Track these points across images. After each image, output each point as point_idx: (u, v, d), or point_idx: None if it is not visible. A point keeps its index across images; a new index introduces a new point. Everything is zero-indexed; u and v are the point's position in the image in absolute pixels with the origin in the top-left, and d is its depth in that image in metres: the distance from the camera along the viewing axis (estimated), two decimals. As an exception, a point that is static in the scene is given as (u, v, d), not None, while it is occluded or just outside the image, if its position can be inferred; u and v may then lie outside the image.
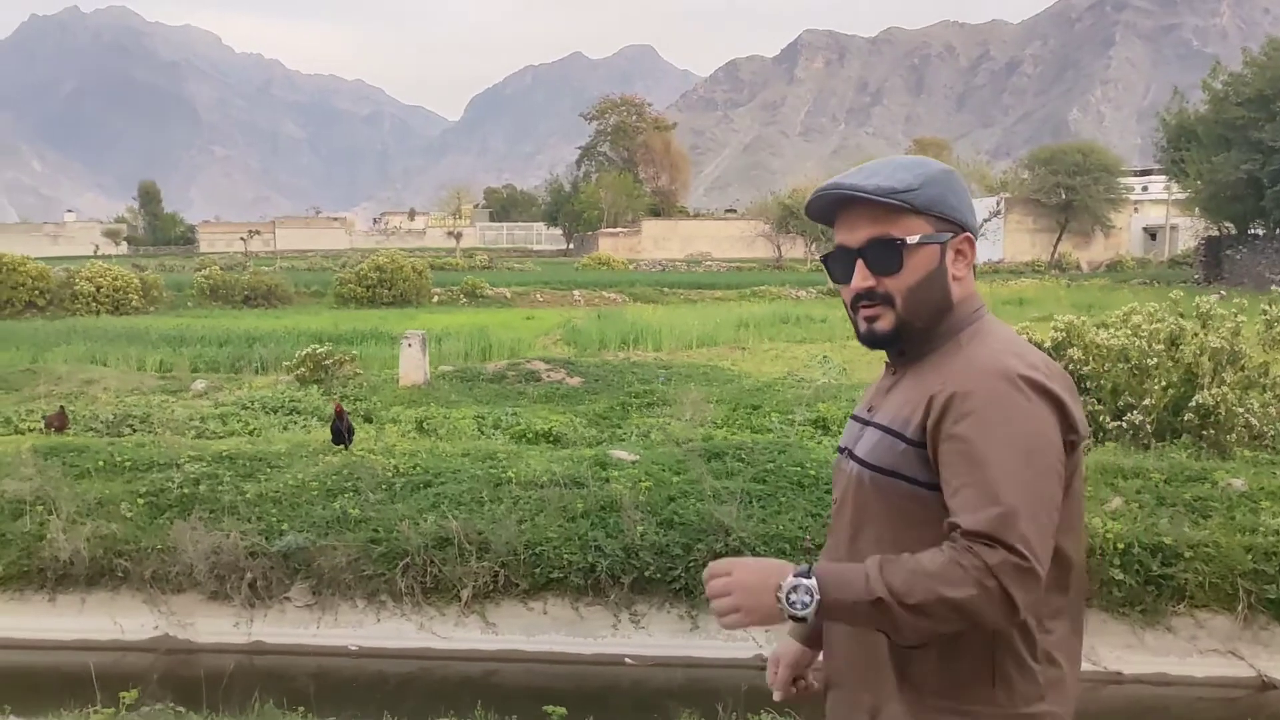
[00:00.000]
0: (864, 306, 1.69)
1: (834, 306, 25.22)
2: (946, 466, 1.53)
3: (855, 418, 1.77)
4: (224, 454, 8.60)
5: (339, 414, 8.95)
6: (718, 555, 7.16)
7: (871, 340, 1.70)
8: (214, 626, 7.21)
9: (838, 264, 1.71)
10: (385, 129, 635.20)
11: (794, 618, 1.51)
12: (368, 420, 11.12)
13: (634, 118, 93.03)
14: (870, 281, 1.67)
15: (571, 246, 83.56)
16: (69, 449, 8.69)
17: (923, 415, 1.59)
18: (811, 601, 1.49)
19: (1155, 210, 67.59)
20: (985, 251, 57.91)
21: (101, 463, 8.37)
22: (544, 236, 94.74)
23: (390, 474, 8.16)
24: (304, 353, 13.38)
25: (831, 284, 1.82)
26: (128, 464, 8.38)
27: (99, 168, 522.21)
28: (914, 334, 1.67)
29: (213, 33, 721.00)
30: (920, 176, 1.66)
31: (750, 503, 7.49)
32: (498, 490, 7.84)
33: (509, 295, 34.73)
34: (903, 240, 1.64)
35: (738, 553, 7.18)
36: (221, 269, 37.38)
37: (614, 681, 6.98)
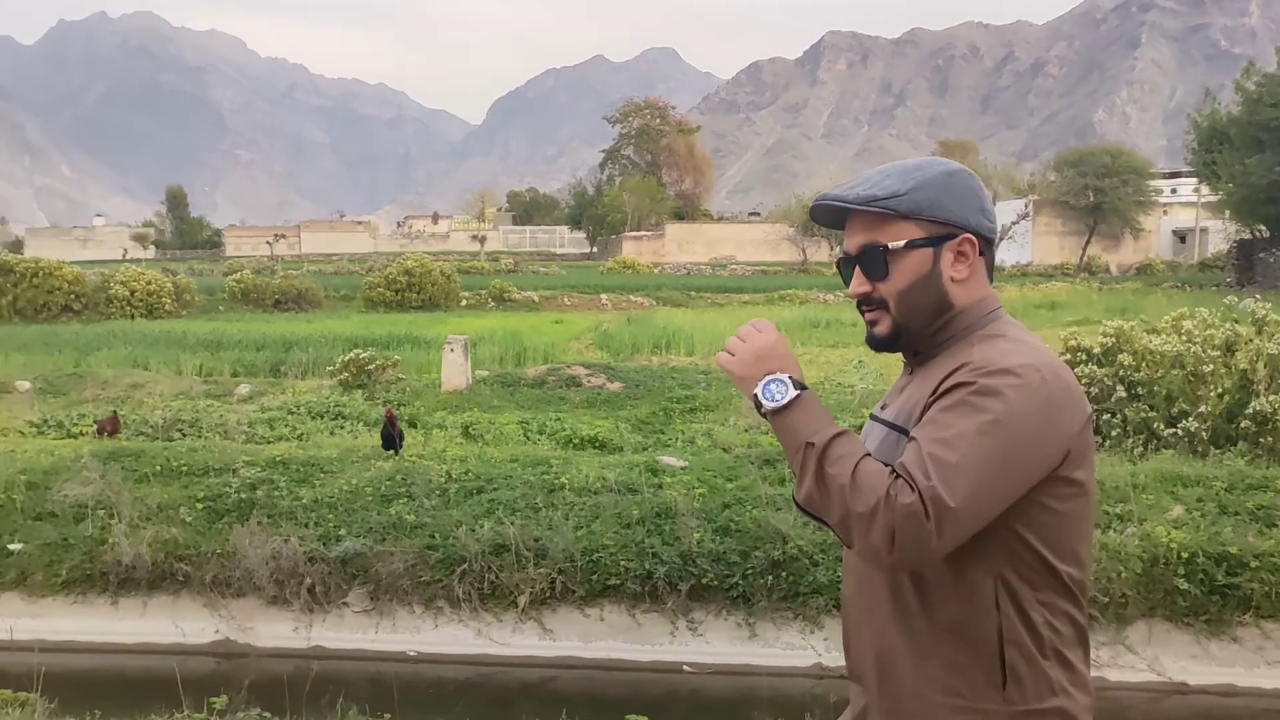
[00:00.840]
0: (865, 311, 1.74)
1: (865, 310, 24.93)
2: (916, 431, 1.56)
3: (871, 416, 1.82)
4: (277, 459, 8.65)
5: (390, 419, 8.99)
6: (776, 563, 7.17)
7: (874, 343, 1.75)
8: (273, 631, 7.25)
9: (845, 270, 1.77)
10: (408, 133, 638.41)
11: (754, 398, 1.61)
12: (412, 425, 11.15)
13: (658, 121, 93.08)
14: (866, 287, 1.71)
15: (595, 250, 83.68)
16: (126, 453, 8.76)
17: (922, 410, 1.61)
18: (776, 402, 1.58)
19: (1185, 213, 66.96)
20: (1013, 254, 57.56)
21: (158, 467, 8.44)
22: (567, 240, 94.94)
23: (443, 479, 8.18)
24: (347, 358, 13.44)
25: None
26: (184, 469, 8.44)
27: (126, 172, 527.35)
28: (913, 336, 1.70)
29: (238, 38, 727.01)
30: (911, 181, 1.67)
31: (806, 510, 7.46)
32: (552, 496, 7.85)
33: (536, 299, 34.78)
34: (886, 246, 1.67)
35: (795, 560, 7.16)
36: (252, 273, 37.69)
37: (672, 689, 6.97)
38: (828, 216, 1.76)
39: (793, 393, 1.58)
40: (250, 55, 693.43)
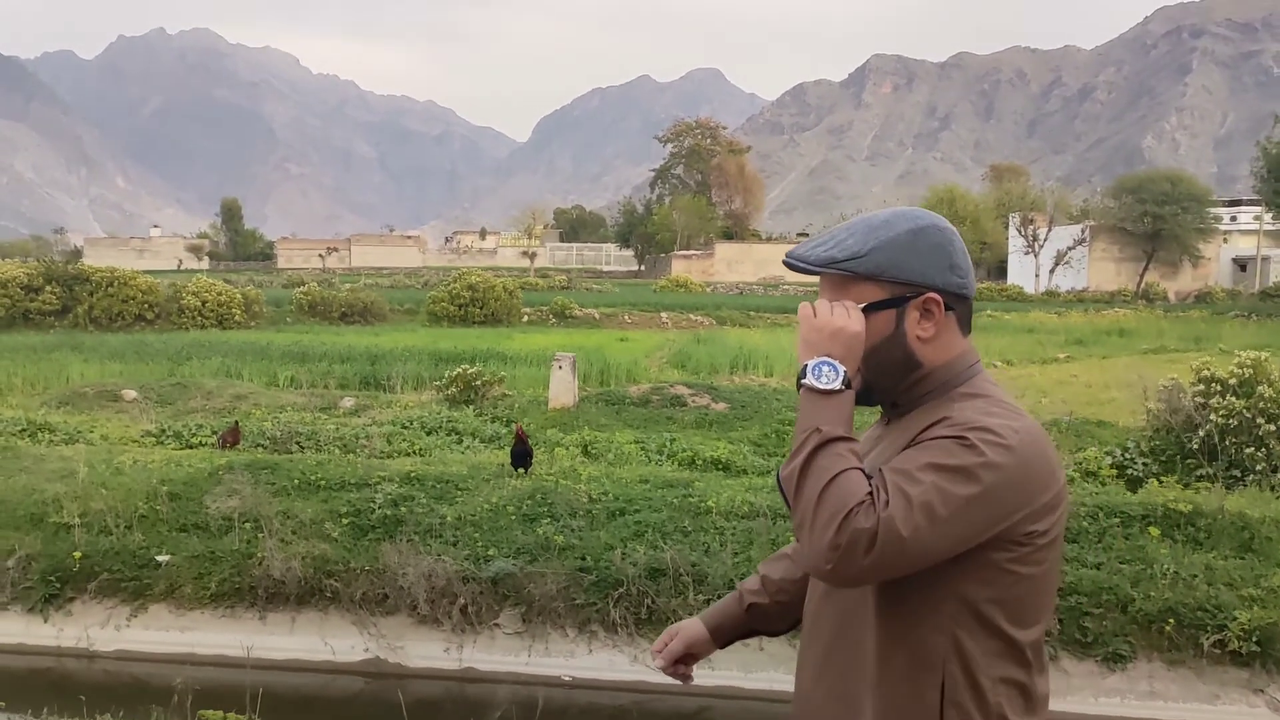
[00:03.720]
0: None
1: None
2: (885, 467, 1.57)
3: None
4: (411, 475, 8.57)
5: (521, 437, 8.90)
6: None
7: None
8: (424, 651, 7.13)
9: None
10: (455, 149, 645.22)
11: (803, 367, 1.61)
12: (524, 443, 11.04)
13: (708, 141, 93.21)
14: None
15: (643, 268, 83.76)
16: (261, 465, 8.73)
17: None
18: (819, 384, 1.59)
19: (1244, 241, 66.08)
20: (1069, 280, 56.93)
21: (296, 480, 8.38)
22: (613, 257, 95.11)
23: (584, 500, 8.06)
24: (454, 373, 13.41)
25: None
26: (321, 482, 8.38)
27: (180, 184, 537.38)
28: (884, 393, 1.71)
29: (291, 54, 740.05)
30: (873, 241, 1.66)
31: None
32: (699, 520, 7.70)
33: (597, 316, 34.73)
34: None
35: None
36: (317, 286, 37.99)
37: (835, 722, 6.76)
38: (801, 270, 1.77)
39: (838, 386, 1.59)
40: (303, 71, 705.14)
